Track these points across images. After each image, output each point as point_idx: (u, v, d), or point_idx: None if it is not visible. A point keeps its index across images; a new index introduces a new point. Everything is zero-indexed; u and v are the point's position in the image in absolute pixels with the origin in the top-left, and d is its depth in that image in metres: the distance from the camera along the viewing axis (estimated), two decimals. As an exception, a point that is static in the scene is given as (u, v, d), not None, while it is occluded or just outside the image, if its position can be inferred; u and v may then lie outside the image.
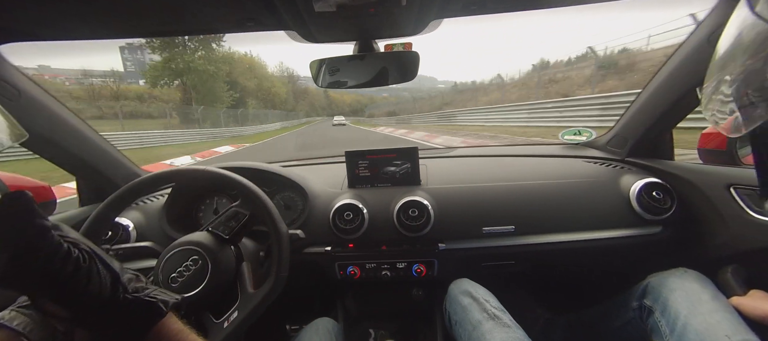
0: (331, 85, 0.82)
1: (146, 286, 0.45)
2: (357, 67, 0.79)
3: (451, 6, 0.65)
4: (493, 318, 0.79)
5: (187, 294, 0.66)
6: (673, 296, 0.73)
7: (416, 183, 1.14)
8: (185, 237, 0.75)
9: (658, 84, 0.99)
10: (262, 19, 0.66)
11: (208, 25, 0.69)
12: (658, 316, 0.74)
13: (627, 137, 1.15)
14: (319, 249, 1.03)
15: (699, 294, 0.71)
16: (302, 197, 1.12)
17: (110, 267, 0.42)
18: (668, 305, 0.73)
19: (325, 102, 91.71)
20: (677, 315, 0.70)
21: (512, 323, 0.78)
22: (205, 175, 0.79)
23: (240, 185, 0.77)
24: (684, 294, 0.72)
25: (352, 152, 1.14)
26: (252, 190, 0.76)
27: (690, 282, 0.75)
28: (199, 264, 0.69)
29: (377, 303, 1.22)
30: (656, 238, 0.98)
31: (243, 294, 0.70)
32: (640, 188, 0.99)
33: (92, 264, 0.40)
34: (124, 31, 0.74)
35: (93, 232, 0.72)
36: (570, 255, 1.03)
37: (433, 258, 1.03)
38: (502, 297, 0.87)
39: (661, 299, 0.75)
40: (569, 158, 1.25)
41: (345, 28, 0.71)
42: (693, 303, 0.70)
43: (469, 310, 0.83)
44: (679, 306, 0.71)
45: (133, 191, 0.77)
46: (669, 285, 0.76)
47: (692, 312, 0.68)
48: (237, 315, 0.67)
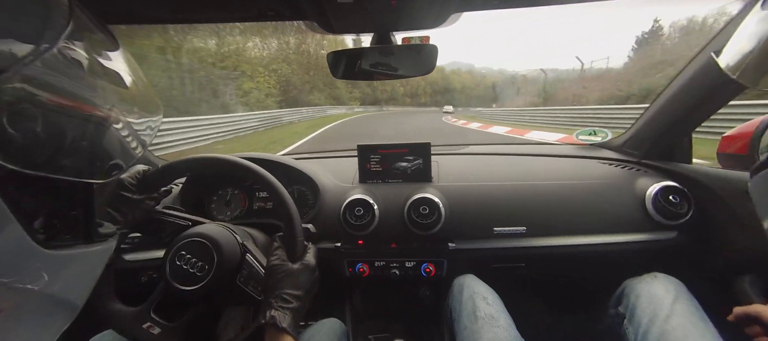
0: (347, 76, 0.81)
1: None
2: (375, 59, 0.79)
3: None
4: (488, 317, 0.78)
5: (184, 286, 0.64)
6: (638, 302, 0.74)
7: (427, 180, 1.13)
8: (200, 227, 0.72)
9: (680, 85, 0.96)
10: (283, 10, 0.66)
11: (229, 14, 0.70)
12: (627, 324, 0.74)
13: (644, 139, 1.13)
14: (329, 245, 1.03)
15: (661, 300, 0.71)
16: (313, 191, 1.12)
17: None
18: (635, 312, 0.73)
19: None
20: (640, 322, 0.70)
21: (506, 324, 0.77)
22: (224, 163, 0.76)
23: (263, 179, 0.72)
24: (647, 301, 0.73)
25: (365, 146, 1.14)
26: (272, 183, 0.72)
27: (655, 287, 0.75)
28: (206, 259, 0.66)
29: (385, 302, 1.22)
30: (671, 244, 0.96)
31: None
32: (656, 192, 0.97)
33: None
34: (138, 18, 0.73)
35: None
36: (581, 260, 1.02)
37: (442, 257, 1.02)
38: (507, 298, 0.86)
39: (630, 306, 0.75)
40: (584, 158, 1.23)
41: (364, 20, 0.70)
42: (654, 310, 0.70)
43: (466, 306, 0.83)
44: (642, 314, 0.71)
45: (181, 167, 0.73)
46: (637, 291, 0.76)
47: (652, 320, 0.69)
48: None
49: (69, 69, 0.31)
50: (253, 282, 0.69)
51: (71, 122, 0.32)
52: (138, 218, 0.68)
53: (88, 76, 0.34)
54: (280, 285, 0.62)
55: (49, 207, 0.34)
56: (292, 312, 0.60)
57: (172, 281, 0.64)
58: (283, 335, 0.58)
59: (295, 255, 0.67)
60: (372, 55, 0.78)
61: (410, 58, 0.80)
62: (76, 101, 0.32)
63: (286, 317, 0.59)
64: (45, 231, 0.33)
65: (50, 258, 0.32)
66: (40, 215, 0.33)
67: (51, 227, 0.34)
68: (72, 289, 0.35)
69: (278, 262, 0.64)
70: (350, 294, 1.20)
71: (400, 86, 69.87)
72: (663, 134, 1.06)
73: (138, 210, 0.67)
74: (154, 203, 0.71)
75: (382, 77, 0.80)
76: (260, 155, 1.14)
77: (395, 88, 69.33)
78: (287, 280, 0.63)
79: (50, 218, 0.34)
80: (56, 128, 0.31)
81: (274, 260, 0.65)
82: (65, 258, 0.34)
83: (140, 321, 0.66)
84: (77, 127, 0.33)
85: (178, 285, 0.63)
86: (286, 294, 0.61)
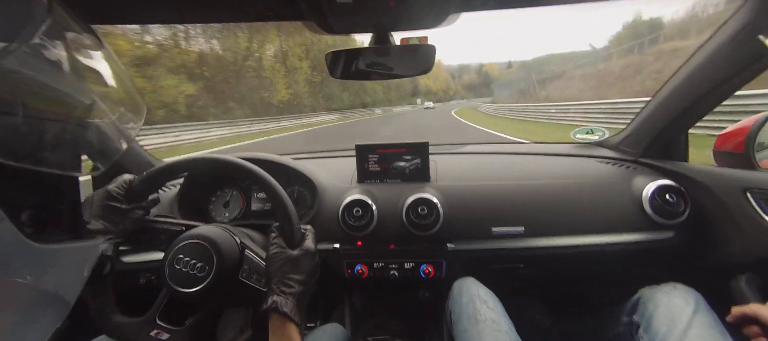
0: (345, 76, 0.81)
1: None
2: (373, 60, 0.79)
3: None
4: (489, 320, 0.77)
5: (186, 288, 0.63)
6: (657, 313, 0.72)
7: (426, 179, 1.13)
8: (196, 230, 0.71)
9: (677, 84, 0.97)
10: (282, 10, 0.66)
11: (227, 15, 0.69)
12: (642, 333, 0.73)
13: (641, 137, 1.14)
14: (328, 246, 1.02)
15: (680, 311, 0.70)
16: (312, 191, 1.11)
17: None
18: (652, 322, 0.72)
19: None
20: (657, 333, 0.69)
21: (507, 327, 0.77)
22: (221, 164, 0.76)
23: (260, 178, 0.72)
24: (666, 311, 0.71)
25: (363, 145, 1.14)
26: (280, 196, 0.71)
27: (675, 298, 0.74)
28: (205, 260, 0.65)
29: (384, 303, 1.22)
30: (668, 244, 0.96)
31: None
32: (653, 191, 0.97)
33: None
34: (136, 18, 0.73)
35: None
36: (579, 260, 1.02)
37: (441, 258, 1.02)
38: (506, 301, 0.86)
39: (647, 315, 0.74)
40: (581, 157, 1.23)
41: (363, 20, 0.71)
42: (673, 321, 0.69)
43: (466, 309, 0.82)
44: (659, 324, 0.70)
45: (168, 171, 0.73)
46: (655, 300, 0.75)
47: (670, 331, 0.68)
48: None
49: (48, 65, 0.32)
50: (256, 276, 0.69)
51: (52, 116, 0.33)
52: (129, 228, 0.67)
53: (69, 73, 0.34)
54: (281, 271, 0.61)
55: (35, 201, 0.34)
56: (295, 297, 0.60)
57: (174, 285, 0.63)
58: (286, 321, 0.57)
59: (294, 242, 0.66)
60: (370, 55, 0.78)
61: (408, 58, 0.80)
62: (56, 96, 0.33)
63: (288, 302, 0.58)
64: (32, 225, 0.33)
65: (39, 251, 0.32)
66: (26, 208, 0.33)
67: (38, 221, 0.34)
68: (62, 285, 0.35)
69: (277, 249, 0.64)
70: (350, 296, 1.21)
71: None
72: (660, 131, 1.07)
73: (128, 220, 0.67)
74: (143, 212, 0.70)
75: (379, 77, 0.80)
76: (260, 155, 1.14)
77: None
78: (288, 266, 0.62)
79: (37, 212, 0.34)
80: (36, 121, 0.31)
81: (273, 248, 0.64)
82: (54, 253, 0.35)
83: (147, 329, 0.65)
84: (58, 121, 0.34)
85: (180, 289, 0.63)
86: (288, 280, 0.61)
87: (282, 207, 0.68)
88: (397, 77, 0.81)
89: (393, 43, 0.77)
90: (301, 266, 0.63)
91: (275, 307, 0.57)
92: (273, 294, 0.59)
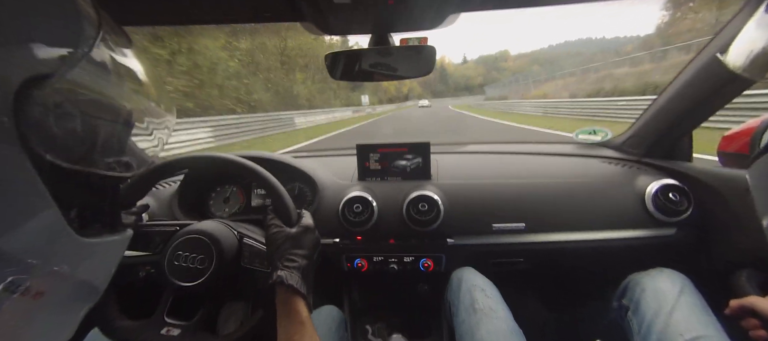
0: (346, 77, 0.81)
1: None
2: (373, 60, 0.79)
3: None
4: (486, 308, 0.78)
5: (189, 282, 0.64)
6: (644, 295, 0.74)
7: (427, 178, 1.13)
8: (192, 226, 0.73)
9: (681, 85, 0.96)
10: (280, 10, 0.65)
11: (225, 15, 0.69)
12: (631, 316, 0.75)
13: (645, 137, 1.13)
14: (328, 241, 1.03)
15: (666, 293, 0.72)
16: (312, 188, 1.12)
17: None
18: (640, 305, 0.74)
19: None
20: (644, 314, 0.71)
21: (505, 315, 0.78)
22: (219, 162, 0.78)
23: (257, 175, 0.73)
24: (653, 294, 0.73)
25: (364, 145, 1.14)
26: (268, 179, 0.73)
27: (662, 281, 0.75)
28: (204, 252, 0.67)
29: (383, 296, 1.23)
30: (670, 240, 0.96)
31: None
32: (656, 190, 0.97)
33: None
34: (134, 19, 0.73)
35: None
36: (580, 256, 1.02)
37: (441, 252, 1.03)
38: (506, 293, 0.87)
39: (635, 298, 0.76)
40: (584, 157, 1.23)
41: (362, 20, 0.70)
42: (659, 303, 0.71)
43: (464, 299, 0.83)
44: (647, 307, 0.72)
45: (157, 171, 0.74)
46: (642, 284, 0.77)
47: (657, 312, 0.70)
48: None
49: (101, 71, 0.35)
50: (259, 260, 0.70)
51: (103, 121, 0.35)
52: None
53: (114, 77, 0.37)
54: (282, 248, 0.62)
55: (83, 200, 0.37)
56: (299, 270, 0.60)
57: (177, 281, 0.64)
58: (293, 294, 0.57)
59: (291, 221, 0.67)
60: (370, 55, 0.78)
61: (409, 60, 0.79)
62: (107, 101, 0.35)
63: (293, 275, 0.58)
64: (79, 221, 0.35)
65: (83, 244, 0.35)
66: (75, 206, 0.35)
67: (83, 218, 0.37)
68: (98, 274, 0.38)
69: (276, 229, 0.64)
70: (349, 289, 1.22)
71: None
72: (664, 132, 1.06)
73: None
74: (135, 217, 0.70)
75: (381, 78, 0.80)
76: (259, 153, 1.14)
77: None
78: (288, 242, 0.63)
79: (83, 210, 0.37)
80: (91, 126, 0.34)
81: (272, 229, 0.64)
82: (94, 245, 0.37)
83: (158, 328, 0.66)
84: (108, 125, 0.36)
85: (182, 283, 0.64)
86: (291, 255, 0.61)
87: (274, 191, 0.69)
88: (398, 78, 0.80)
89: (393, 43, 0.77)
90: (302, 241, 0.64)
91: (281, 280, 0.57)
92: (277, 269, 0.59)
